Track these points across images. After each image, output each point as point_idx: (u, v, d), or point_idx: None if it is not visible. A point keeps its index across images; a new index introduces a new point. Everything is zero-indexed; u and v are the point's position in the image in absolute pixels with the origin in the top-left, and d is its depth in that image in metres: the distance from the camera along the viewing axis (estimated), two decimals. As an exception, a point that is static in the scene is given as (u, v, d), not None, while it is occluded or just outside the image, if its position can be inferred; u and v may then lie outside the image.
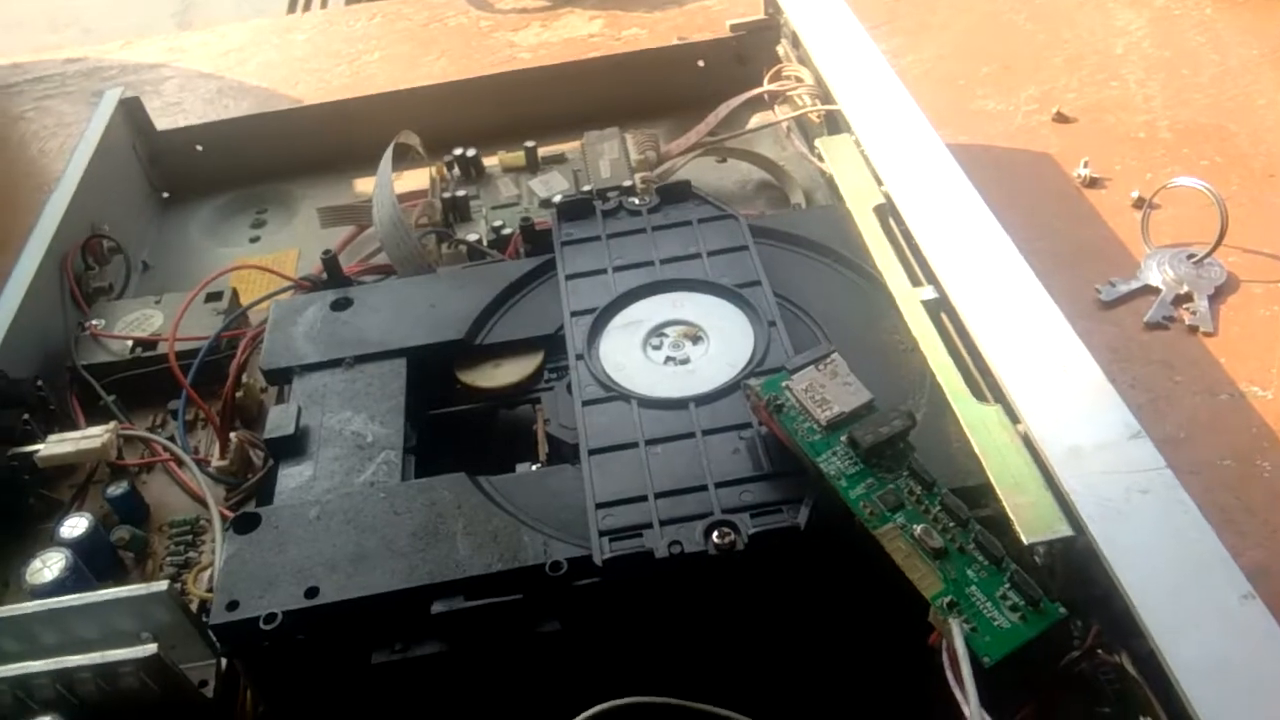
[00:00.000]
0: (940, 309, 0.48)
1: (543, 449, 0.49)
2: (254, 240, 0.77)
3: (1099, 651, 0.37)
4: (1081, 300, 0.65)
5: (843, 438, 0.40)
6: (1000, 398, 0.43)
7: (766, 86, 0.72)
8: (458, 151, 0.73)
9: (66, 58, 1.16)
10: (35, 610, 0.42)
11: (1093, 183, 0.75)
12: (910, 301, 0.48)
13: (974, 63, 0.90)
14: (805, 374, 0.42)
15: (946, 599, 0.36)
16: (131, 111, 0.78)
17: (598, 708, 0.40)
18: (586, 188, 0.68)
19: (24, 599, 0.47)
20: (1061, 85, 0.86)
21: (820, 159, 0.64)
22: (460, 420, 0.52)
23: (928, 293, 0.48)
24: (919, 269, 0.50)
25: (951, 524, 0.38)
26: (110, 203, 0.72)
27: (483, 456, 0.51)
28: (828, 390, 0.41)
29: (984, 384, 0.44)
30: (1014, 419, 0.41)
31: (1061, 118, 0.82)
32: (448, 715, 0.43)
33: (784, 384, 0.42)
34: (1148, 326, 0.63)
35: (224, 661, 0.44)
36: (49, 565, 0.45)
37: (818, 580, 0.40)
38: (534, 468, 0.48)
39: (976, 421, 0.41)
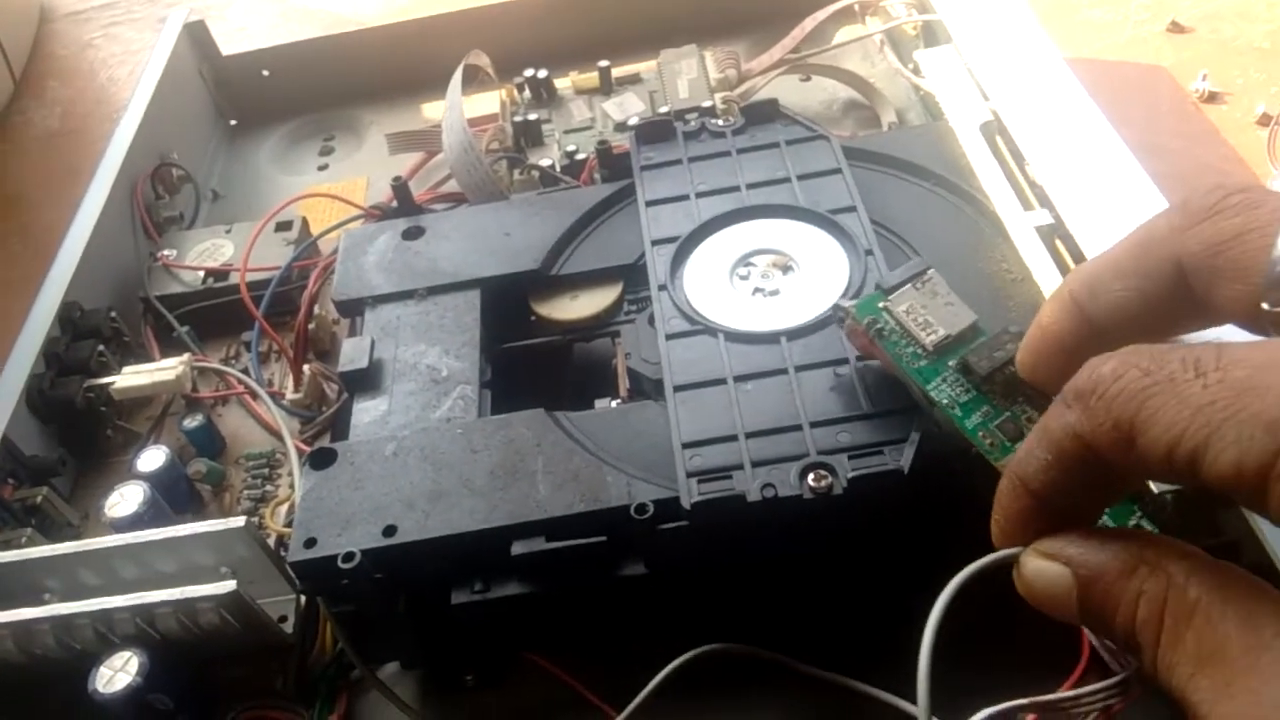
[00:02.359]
0: (1055, 235, 0.44)
1: (623, 384, 0.46)
2: (322, 169, 0.75)
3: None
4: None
5: (951, 363, 0.37)
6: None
7: (857, -4, 0.67)
8: (529, 73, 0.70)
9: (132, -17, 1.15)
10: (115, 545, 0.41)
11: (1212, 98, 0.69)
12: (1021, 227, 0.44)
13: (1079, -31, 0.84)
14: (903, 294, 0.38)
15: None
16: (197, 35, 0.76)
17: (683, 657, 0.38)
18: (664, 109, 0.65)
19: (103, 531, 0.47)
20: (1176, -9, 0.79)
21: (918, 73, 0.59)
22: (534, 353, 0.50)
23: (1041, 217, 0.44)
24: (1030, 192, 0.46)
25: None
26: (178, 130, 0.71)
27: (559, 391, 0.49)
28: (929, 311, 0.38)
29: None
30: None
31: (1176, 27, 0.76)
32: (527, 655, 0.42)
33: (881, 305, 0.38)
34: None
35: (303, 597, 0.44)
36: (127, 498, 0.45)
37: (919, 524, 0.38)
38: (614, 404, 0.46)
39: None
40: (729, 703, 0.41)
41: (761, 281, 0.45)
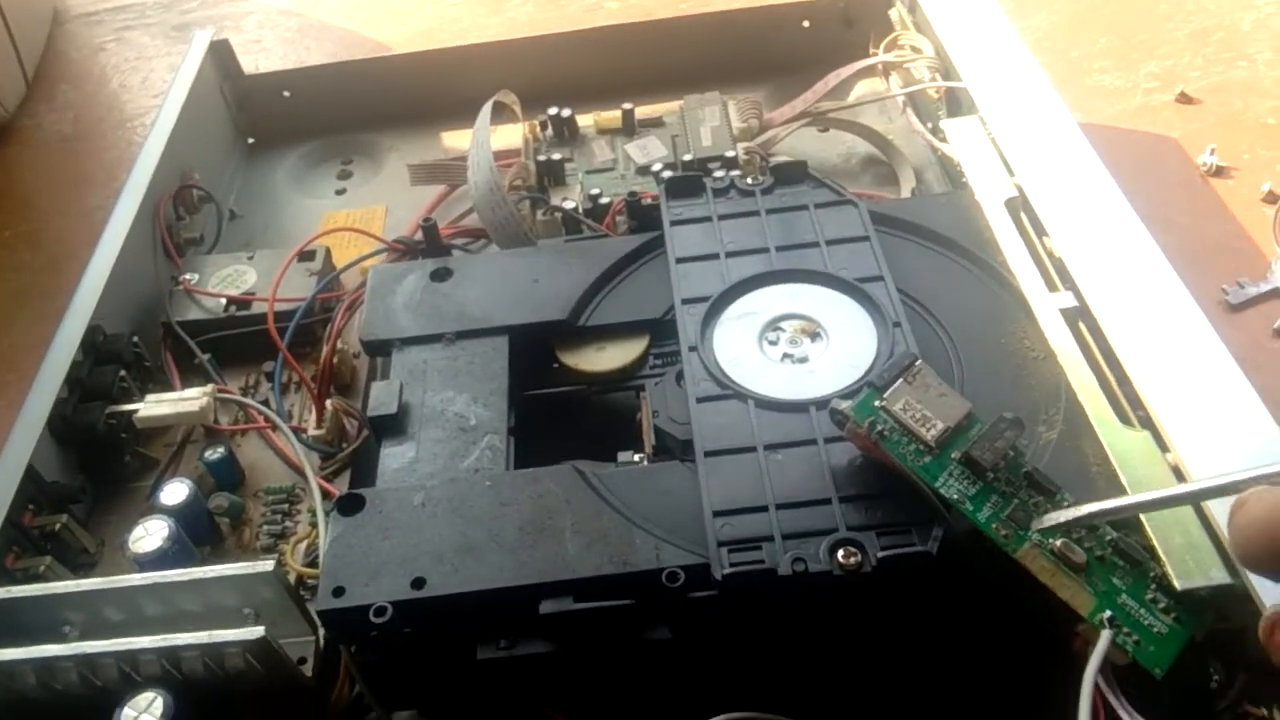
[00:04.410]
0: (1079, 318, 0.45)
1: (648, 441, 0.47)
2: (340, 193, 0.76)
3: (1245, 704, 0.35)
4: (1206, 302, 0.61)
5: (954, 455, 0.38)
6: (1148, 423, 0.40)
7: (882, 56, 0.69)
8: (552, 111, 0.71)
9: (146, -13, 1.15)
10: (141, 584, 0.42)
11: (1219, 172, 0.71)
12: (1046, 308, 0.45)
13: (1090, 33, 0.86)
14: (897, 390, 0.39)
15: (1105, 614, 0.35)
16: (220, 54, 0.76)
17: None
18: (686, 156, 0.66)
19: (122, 562, 0.47)
20: (1185, 63, 0.81)
21: (937, 134, 0.60)
22: (557, 402, 0.51)
23: (1065, 300, 0.45)
24: (1053, 269, 0.48)
25: (1083, 531, 0.36)
26: (199, 149, 0.71)
27: (580, 441, 0.50)
28: (925, 404, 0.39)
29: (1128, 404, 0.41)
30: (1163, 447, 0.39)
31: (1185, 98, 0.78)
32: (550, 713, 0.43)
33: (878, 404, 0.39)
34: (1278, 333, 0.60)
35: (322, 641, 0.44)
36: (152, 533, 0.45)
37: (945, 603, 0.39)
38: (637, 458, 0.47)
39: (1123, 451, 0.39)
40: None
41: (790, 347, 0.46)
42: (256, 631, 0.39)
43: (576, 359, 0.50)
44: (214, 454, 0.51)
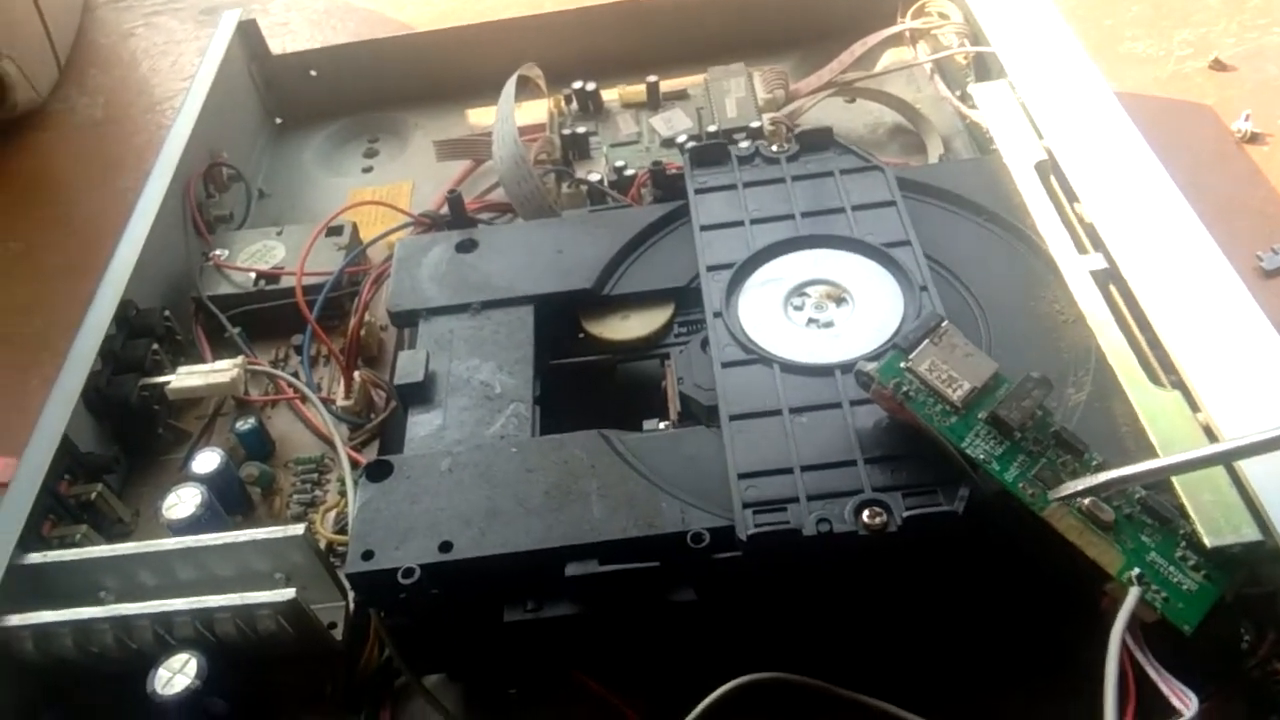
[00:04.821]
0: (1109, 280, 0.44)
1: (673, 408, 0.47)
2: (366, 170, 0.76)
3: (1274, 660, 0.35)
4: (1240, 267, 0.60)
5: (981, 415, 0.38)
6: (1178, 383, 0.40)
7: (908, 23, 0.68)
8: (576, 85, 0.71)
9: (175, -28, 1.15)
10: (175, 548, 0.42)
11: (1254, 138, 0.70)
12: (1076, 270, 0.45)
13: (1122, 0, 0.84)
14: (922, 351, 0.38)
15: (1134, 572, 0.34)
16: (248, 34, 0.77)
17: (730, 684, 0.39)
18: (711, 127, 0.65)
19: (156, 530, 0.48)
20: (1219, 30, 0.80)
21: (965, 102, 0.60)
22: (581, 371, 0.51)
23: (1095, 262, 0.45)
24: (1083, 233, 0.47)
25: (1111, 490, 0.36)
26: (228, 128, 0.72)
27: (604, 410, 0.50)
28: (951, 365, 0.38)
29: (1159, 366, 0.41)
30: (1194, 407, 0.39)
31: (1219, 65, 0.76)
32: (574, 673, 0.43)
33: (903, 365, 0.38)
34: (1314, 299, 0.59)
35: (352, 606, 0.45)
36: (185, 500, 0.46)
37: (971, 563, 0.38)
38: (662, 425, 0.47)
39: (1154, 410, 0.38)
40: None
41: (815, 313, 0.46)
42: (288, 593, 0.40)
43: (602, 328, 0.50)
44: (245, 425, 0.52)
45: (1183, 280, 0.43)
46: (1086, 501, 0.36)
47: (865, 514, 0.37)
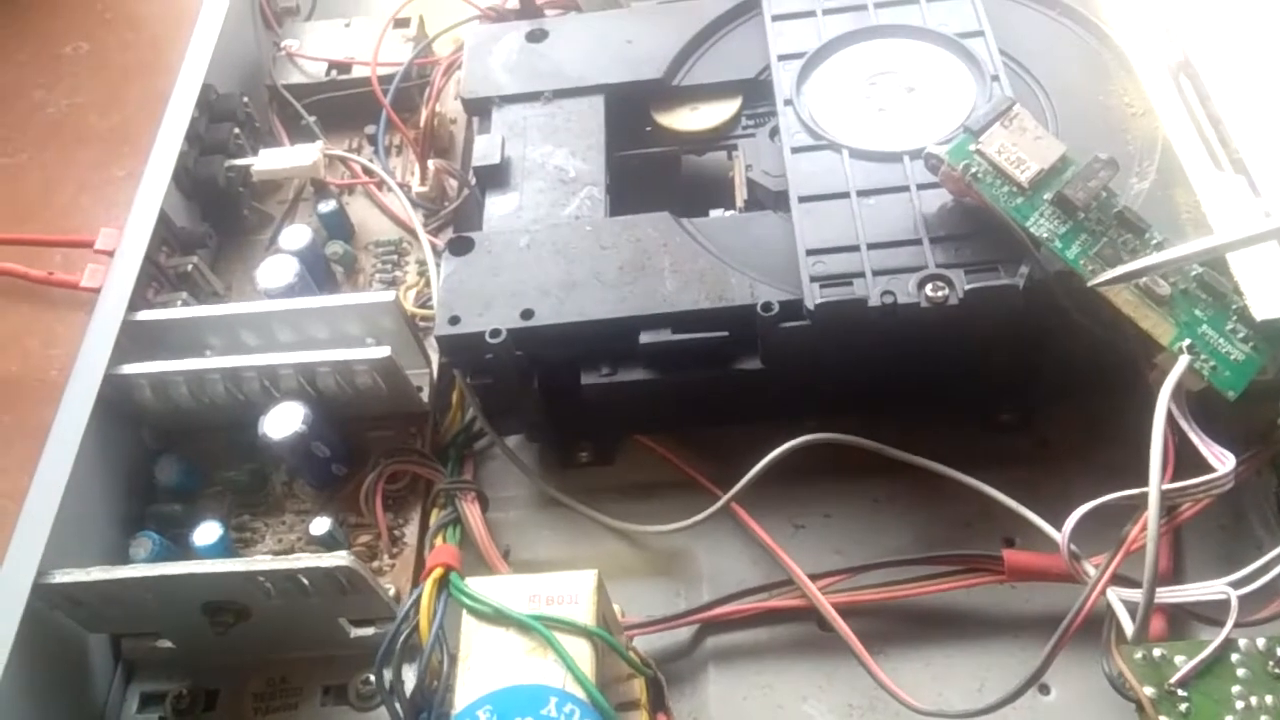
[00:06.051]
0: (1181, 71, 0.44)
1: (740, 195, 0.49)
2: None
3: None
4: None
5: (1047, 196, 0.39)
6: (1241, 170, 0.40)
7: None
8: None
9: None
10: (276, 309, 0.45)
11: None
12: (1148, 62, 0.45)
13: None
14: (992, 134, 0.40)
15: (1185, 343, 0.36)
16: None
17: (790, 444, 0.42)
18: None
19: (255, 297, 0.51)
20: None
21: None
22: (648, 162, 0.52)
23: (1171, 54, 0.45)
24: (1162, 27, 0.47)
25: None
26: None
27: (670, 203, 0.51)
28: (1020, 147, 0.39)
29: (1225, 156, 0.41)
30: (1255, 192, 0.40)
31: None
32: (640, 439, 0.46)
33: (972, 148, 0.40)
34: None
35: (435, 372, 0.48)
36: (281, 269, 0.48)
37: (1026, 337, 0.41)
38: (728, 214, 0.49)
39: (1215, 194, 0.39)
40: (829, 489, 0.45)
41: (886, 102, 0.47)
42: (383, 350, 0.43)
43: (671, 119, 0.51)
44: (326, 207, 0.54)
45: (1257, 74, 0.43)
46: (1143, 279, 0.37)
47: (929, 287, 0.39)
